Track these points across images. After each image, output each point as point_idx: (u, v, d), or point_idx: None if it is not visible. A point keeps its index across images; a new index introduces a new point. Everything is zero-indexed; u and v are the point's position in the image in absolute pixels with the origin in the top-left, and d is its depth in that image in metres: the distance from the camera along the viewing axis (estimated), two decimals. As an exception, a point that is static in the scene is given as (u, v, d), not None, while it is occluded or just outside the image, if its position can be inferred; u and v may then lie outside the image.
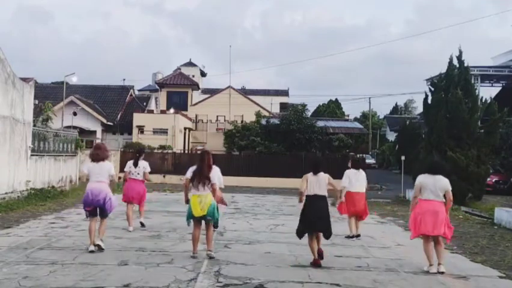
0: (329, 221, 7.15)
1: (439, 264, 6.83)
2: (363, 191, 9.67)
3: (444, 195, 6.99)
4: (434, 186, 6.96)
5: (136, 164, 9.83)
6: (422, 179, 7.12)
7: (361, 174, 9.70)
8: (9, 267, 6.32)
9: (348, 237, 9.44)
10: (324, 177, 7.22)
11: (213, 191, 7.35)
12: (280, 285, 5.94)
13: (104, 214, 7.64)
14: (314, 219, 7.05)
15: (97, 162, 7.63)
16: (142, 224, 9.92)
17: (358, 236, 9.49)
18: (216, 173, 8.55)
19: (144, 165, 9.90)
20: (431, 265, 6.87)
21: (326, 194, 7.20)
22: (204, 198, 7.21)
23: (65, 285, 5.60)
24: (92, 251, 7.29)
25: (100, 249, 7.37)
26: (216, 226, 7.86)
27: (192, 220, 7.33)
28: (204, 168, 7.27)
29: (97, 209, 7.60)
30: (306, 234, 7.15)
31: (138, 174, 9.83)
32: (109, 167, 7.80)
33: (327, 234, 7.13)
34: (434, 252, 6.95)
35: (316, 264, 6.93)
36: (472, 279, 6.59)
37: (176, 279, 5.97)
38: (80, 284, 5.67)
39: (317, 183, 7.16)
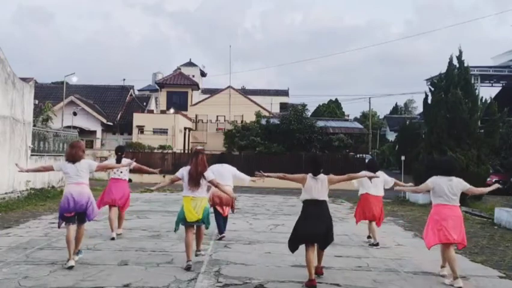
0: (331, 228, 6.28)
1: (456, 278, 6.13)
2: (380, 194, 8.91)
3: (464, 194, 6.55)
4: (450, 190, 6.34)
5: (118, 163, 8.62)
6: (437, 181, 6.42)
7: (378, 177, 8.73)
8: (9, 267, 6.31)
9: (372, 244, 8.76)
10: (324, 179, 6.28)
11: (216, 186, 7.02)
12: (280, 285, 5.94)
13: (84, 220, 6.78)
14: (313, 230, 6.10)
15: (73, 163, 6.66)
16: (113, 238, 8.44)
17: (377, 244, 8.74)
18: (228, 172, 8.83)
19: (127, 162, 8.65)
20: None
21: (326, 198, 6.31)
22: (198, 201, 6.72)
23: (65, 285, 5.59)
24: (71, 267, 6.32)
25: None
26: (207, 227, 7.59)
27: (180, 226, 6.84)
28: (197, 167, 6.75)
29: (75, 215, 6.65)
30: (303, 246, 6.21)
31: (121, 173, 8.83)
32: (88, 164, 6.86)
33: (326, 243, 6.33)
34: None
35: (310, 285, 5.90)
36: (472, 279, 6.58)
37: (176, 279, 5.97)
38: (80, 284, 5.67)
39: (317, 186, 6.23)
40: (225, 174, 8.80)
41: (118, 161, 8.65)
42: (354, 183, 8.91)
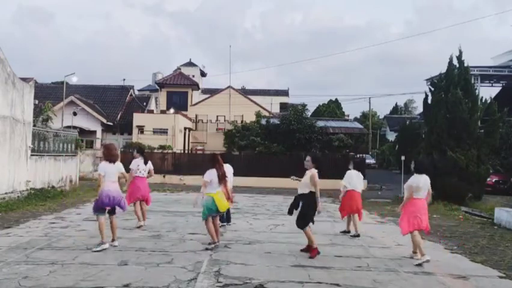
0: (301, 216, 7.72)
1: (422, 254, 7.38)
2: (360, 191, 10.20)
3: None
4: (424, 185, 7.62)
5: (146, 162, 10.10)
6: (415, 179, 7.65)
7: (360, 175, 10.30)
8: (9, 267, 6.31)
9: (354, 236, 9.69)
10: (307, 176, 7.76)
11: (226, 186, 8.17)
12: (280, 285, 5.94)
13: (115, 212, 7.90)
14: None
15: (113, 163, 7.78)
16: (140, 226, 9.89)
17: (358, 235, 9.70)
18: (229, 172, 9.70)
19: (150, 162, 10.33)
20: (423, 254, 7.37)
21: (305, 191, 7.72)
22: (223, 194, 8.01)
23: (65, 285, 5.60)
24: (104, 249, 7.48)
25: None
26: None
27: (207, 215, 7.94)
28: (223, 169, 8.09)
29: (106, 208, 7.77)
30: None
31: (144, 171, 10.07)
32: (119, 167, 7.96)
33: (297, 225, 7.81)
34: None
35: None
36: (472, 279, 6.58)
37: (176, 279, 5.97)
38: (80, 284, 5.67)
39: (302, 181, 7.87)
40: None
41: (146, 160, 10.10)
42: (342, 181, 10.03)
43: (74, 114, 30.82)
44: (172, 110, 32.73)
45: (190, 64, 48.07)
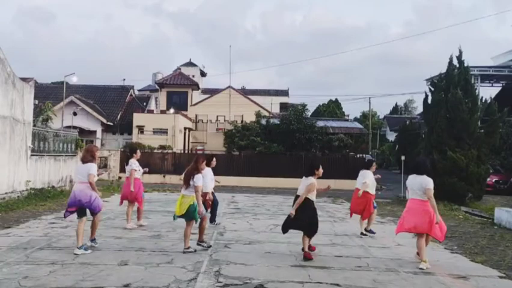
0: (306, 221, 7.50)
1: (421, 261, 7.15)
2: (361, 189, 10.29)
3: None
4: (414, 186, 7.25)
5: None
6: (409, 179, 7.40)
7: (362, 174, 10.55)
8: (9, 267, 6.31)
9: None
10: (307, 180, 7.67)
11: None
12: (280, 285, 5.94)
13: (85, 214, 7.61)
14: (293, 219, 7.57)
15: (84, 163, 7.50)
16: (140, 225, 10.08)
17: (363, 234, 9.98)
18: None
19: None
20: (424, 261, 7.10)
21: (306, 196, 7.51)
22: (184, 197, 7.66)
23: (65, 285, 5.59)
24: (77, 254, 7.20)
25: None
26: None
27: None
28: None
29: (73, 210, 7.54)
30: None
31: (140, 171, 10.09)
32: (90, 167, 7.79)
33: (308, 233, 7.59)
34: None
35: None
36: (472, 279, 6.58)
37: (176, 279, 5.97)
38: (80, 284, 5.67)
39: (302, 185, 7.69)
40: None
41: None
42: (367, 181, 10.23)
43: (74, 114, 30.84)
44: (172, 110, 32.74)
45: (190, 64, 48.12)
